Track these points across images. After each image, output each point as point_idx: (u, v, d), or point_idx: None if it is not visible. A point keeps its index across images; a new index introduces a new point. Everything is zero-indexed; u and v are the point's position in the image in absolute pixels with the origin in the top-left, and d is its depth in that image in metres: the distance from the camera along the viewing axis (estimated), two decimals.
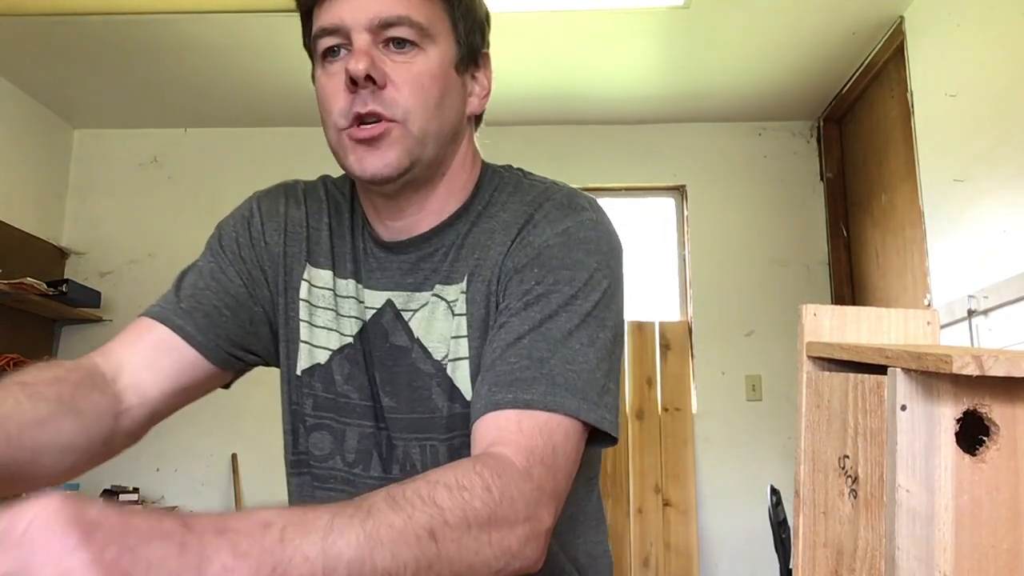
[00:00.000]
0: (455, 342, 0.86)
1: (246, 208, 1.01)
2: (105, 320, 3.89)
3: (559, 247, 0.83)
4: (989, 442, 0.50)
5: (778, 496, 2.61)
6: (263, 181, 4.12)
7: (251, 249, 0.96)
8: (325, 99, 0.87)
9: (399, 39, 0.83)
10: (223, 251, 0.97)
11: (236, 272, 0.95)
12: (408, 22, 0.83)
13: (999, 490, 0.50)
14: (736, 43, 3.27)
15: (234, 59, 3.42)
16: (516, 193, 0.91)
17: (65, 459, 0.80)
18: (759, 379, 3.75)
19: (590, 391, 0.77)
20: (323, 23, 0.84)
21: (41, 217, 3.86)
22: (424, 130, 0.84)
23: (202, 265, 0.97)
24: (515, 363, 0.77)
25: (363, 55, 0.81)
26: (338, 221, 0.96)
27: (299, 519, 0.56)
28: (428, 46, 0.84)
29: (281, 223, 0.97)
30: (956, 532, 0.50)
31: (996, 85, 2.46)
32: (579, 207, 0.87)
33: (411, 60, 0.84)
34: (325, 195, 0.99)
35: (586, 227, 0.85)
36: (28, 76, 3.61)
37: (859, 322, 0.66)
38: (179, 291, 0.94)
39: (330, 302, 0.92)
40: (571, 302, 0.80)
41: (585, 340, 0.79)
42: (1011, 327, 2.33)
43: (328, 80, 0.86)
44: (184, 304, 0.92)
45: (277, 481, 3.98)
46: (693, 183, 3.98)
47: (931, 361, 0.48)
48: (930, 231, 2.85)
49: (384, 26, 0.82)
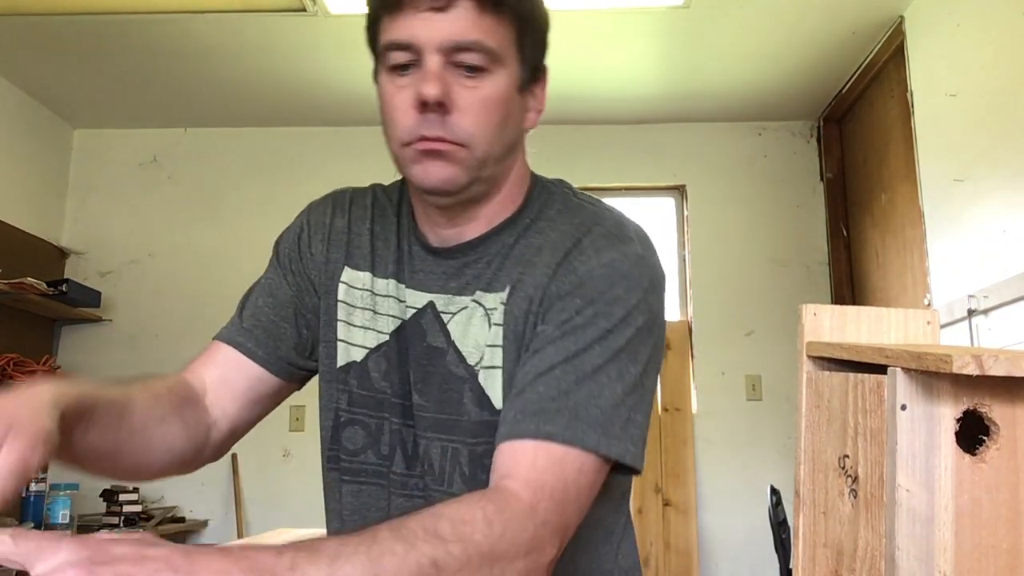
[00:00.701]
0: (490, 350, 0.88)
1: (298, 222, 1.05)
2: (105, 320, 3.89)
3: (602, 280, 0.84)
4: (989, 442, 0.50)
5: (778, 496, 2.61)
6: (263, 181, 4.12)
7: (300, 262, 1.00)
8: (392, 111, 0.86)
9: (470, 65, 0.83)
10: (279, 266, 1.02)
11: (288, 285, 1.00)
12: (481, 48, 0.83)
13: (999, 490, 0.50)
14: (736, 43, 3.27)
15: (234, 59, 3.42)
16: (565, 212, 0.92)
17: (165, 459, 0.89)
18: (759, 379, 3.75)
19: (612, 425, 0.79)
20: (395, 37, 0.84)
21: (41, 217, 3.86)
22: (486, 153, 0.85)
23: (263, 282, 1.03)
24: (542, 393, 0.79)
25: (436, 80, 0.82)
26: (383, 225, 0.98)
27: (308, 547, 0.60)
28: (496, 70, 0.85)
29: (325, 233, 1.00)
30: (956, 532, 0.50)
31: (996, 85, 2.46)
32: (626, 238, 0.88)
33: (479, 84, 0.84)
34: (371, 202, 1.01)
35: (630, 261, 0.86)
36: (28, 76, 3.61)
37: (859, 322, 0.66)
38: (243, 311, 1.01)
39: (368, 302, 0.95)
40: (605, 336, 0.81)
41: (614, 375, 0.81)
42: (1011, 327, 2.33)
43: (396, 93, 0.86)
44: (246, 323, 0.99)
45: (277, 481, 4.01)
46: (693, 183, 3.98)
47: (931, 361, 0.48)
48: (930, 231, 2.85)
49: (457, 50, 0.82)
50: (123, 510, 3.41)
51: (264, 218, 4.00)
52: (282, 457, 3.76)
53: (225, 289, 3.92)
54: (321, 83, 3.59)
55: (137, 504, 3.47)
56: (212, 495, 3.77)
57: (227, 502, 3.74)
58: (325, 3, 2.92)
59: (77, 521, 3.40)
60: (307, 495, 3.58)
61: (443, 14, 0.82)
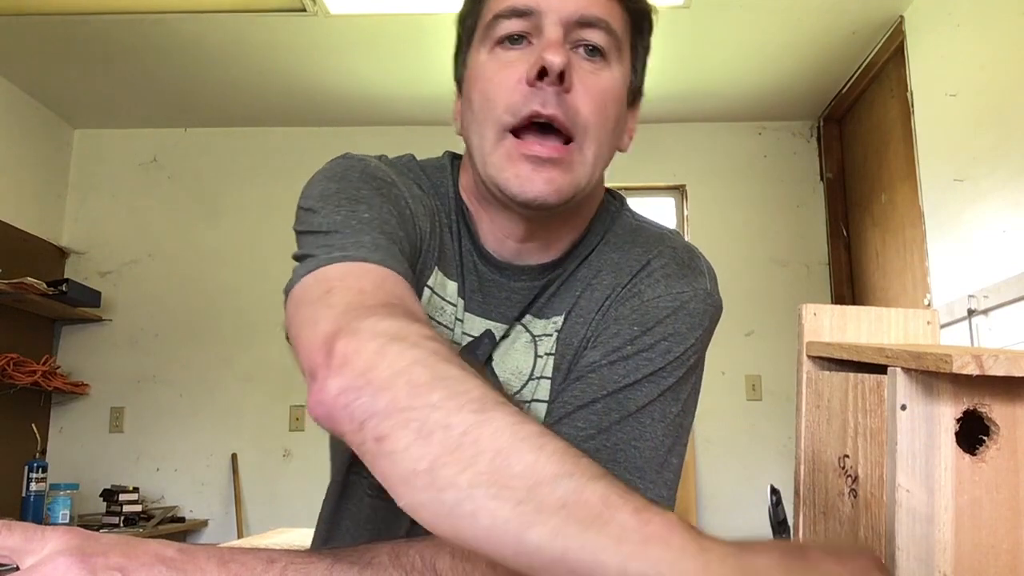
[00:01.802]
0: (534, 383, 0.81)
1: (397, 180, 0.79)
2: (105, 320, 3.89)
3: (667, 312, 0.77)
4: (989, 442, 0.50)
5: (778, 496, 2.60)
6: (263, 181, 4.10)
7: (411, 223, 0.77)
8: (491, 89, 0.74)
9: (592, 46, 0.75)
10: (390, 204, 0.75)
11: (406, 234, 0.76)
12: (607, 27, 0.75)
13: (999, 490, 0.50)
14: (736, 43, 3.27)
15: (234, 59, 3.42)
16: (630, 232, 0.85)
17: None
18: (759, 379, 3.75)
19: (649, 468, 0.74)
20: (513, 3, 0.74)
21: (41, 217, 3.86)
22: (596, 155, 0.76)
23: (369, 216, 0.73)
24: (582, 428, 0.73)
25: (559, 47, 0.71)
26: (443, 222, 0.83)
27: (302, 560, 0.57)
28: (614, 63, 0.77)
29: (423, 211, 0.79)
30: (956, 532, 0.50)
31: (996, 85, 2.46)
32: (698, 270, 0.81)
33: (599, 71, 0.75)
34: (431, 188, 0.84)
35: (699, 298, 0.79)
36: (28, 76, 3.61)
37: (859, 322, 0.66)
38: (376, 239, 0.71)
39: (450, 320, 0.81)
40: (656, 374, 0.75)
41: (657, 415, 0.75)
42: (1011, 327, 2.33)
43: (500, 69, 0.74)
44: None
45: (277, 481, 3.99)
46: (693, 183, 3.99)
47: (931, 361, 0.48)
48: (930, 231, 2.85)
49: (583, 24, 0.74)
50: (123, 510, 3.41)
51: (264, 218, 4.00)
52: (282, 457, 3.76)
53: (225, 289, 3.95)
54: (321, 83, 3.59)
55: (137, 504, 3.48)
56: (212, 495, 3.77)
57: (227, 502, 3.74)
58: (325, 3, 2.92)
59: (77, 521, 3.40)
60: (307, 495, 3.58)
61: None
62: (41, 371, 3.57)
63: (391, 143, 4.68)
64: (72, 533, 0.53)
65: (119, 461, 3.79)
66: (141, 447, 3.81)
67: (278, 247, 3.96)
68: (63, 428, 3.84)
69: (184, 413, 3.83)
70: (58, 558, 0.51)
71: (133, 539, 0.55)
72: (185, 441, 3.81)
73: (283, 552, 0.59)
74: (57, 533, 0.53)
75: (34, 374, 3.52)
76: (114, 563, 0.52)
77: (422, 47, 3.26)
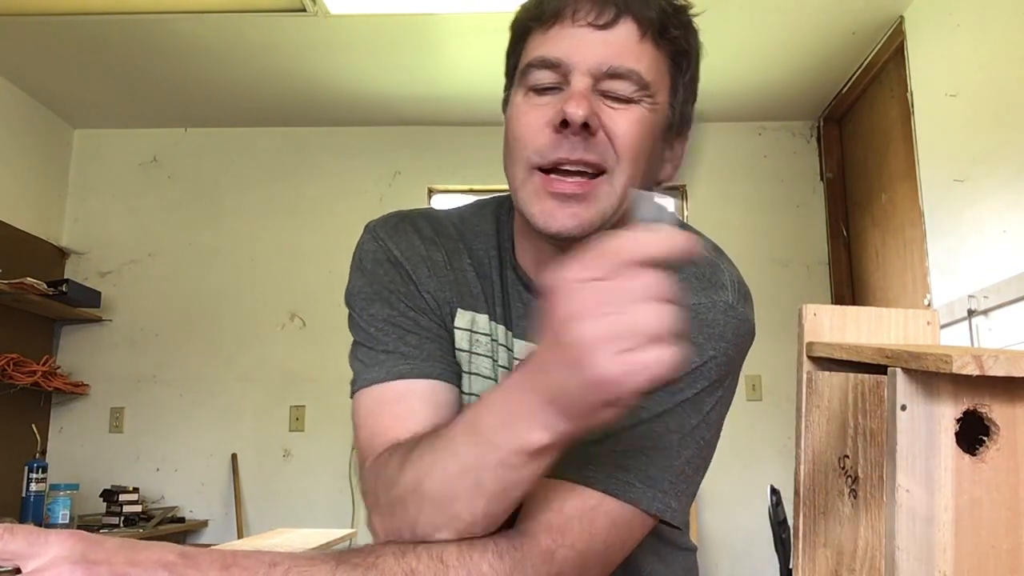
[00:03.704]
0: None
1: (382, 254, 0.87)
2: (105, 320, 3.89)
3: (683, 324, 0.78)
4: (989, 442, 0.50)
5: (778, 496, 2.61)
6: (263, 181, 4.11)
7: (417, 294, 0.85)
8: (521, 130, 0.77)
9: (617, 95, 0.76)
10: (395, 304, 0.84)
11: (418, 314, 0.85)
12: (635, 78, 0.76)
13: (999, 490, 0.50)
14: (736, 43, 3.27)
15: (234, 59, 3.42)
16: None
17: None
18: (759, 379, 3.75)
19: (662, 478, 0.73)
20: (543, 53, 0.76)
21: (41, 217, 3.86)
22: (626, 186, 0.77)
23: (383, 330, 0.83)
24: (592, 432, 0.74)
25: (583, 99, 0.73)
26: (481, 260, 0.88)
27: (305, 562, 0.58)
28: (646, 103, 0.78)
29: (428, 265, 0.86)
30: (956, 532, 0.50)
31: (996, 85, 2.46)
32: (719, 284, 0.81)
33: (627, 111, 0.77)
34: (458, 232, 0.90)
35: (718, 310, 0.79)
36: (28, 76, 3.61)
37: (859, 322, 0.66)
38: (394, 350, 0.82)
39: (487, 348, 0.85)
40: (671, 385, 0.74)
41: (672, 425, 0.74)
42: (1011, 327, 2.33)
43: (531, 111, 0.77)
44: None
45: (277, 481, 3.99)
46: (693, 183, 3.98)
47: (931, 361, 0.48)
48: (930, 231, 2.85)
49: (610, 76, 0.75)
50: (123, 510, 3.41)
51: (264, 218, 4.00)
52: (282, 457, 3.76)
53: (225, 289, 3.95)
54: (321, 83, 3.59)
55: (137, 504, 3.47)
56: (212, 495, 3.77)
57: (227, 502, 3.74)
58: (325, 3, 2.92)
59: (77, 521, 3.40)
60: (307, 495, 3.58)
61: (602, 32, 0.75)
62: (41, 371, 3.57)
63: (391, 143, 4.69)
64: (75, 538, 0.53)
65: (119, 461, 3.79)
66: (141, 447, 3.81)
67: (278, 247, 3.98)
68: (63, 428, 3.84)
69: (184, 413, 3.83)
70: (61, 564, 0.51)
71: (136, 543, 0.55)
72: (185, 441, 3.81)
73: (285, 555, 0.59)
74: (60, 537, 0.53)
75: (34, 374, 3.52)
76: (118, 570, 0.52)
77: (422, 47, 3.26)
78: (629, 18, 0.76)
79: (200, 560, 0.56)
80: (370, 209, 4.34)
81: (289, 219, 3.99)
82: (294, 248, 3.95)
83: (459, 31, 3.18)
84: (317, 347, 3.75)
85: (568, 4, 0.76)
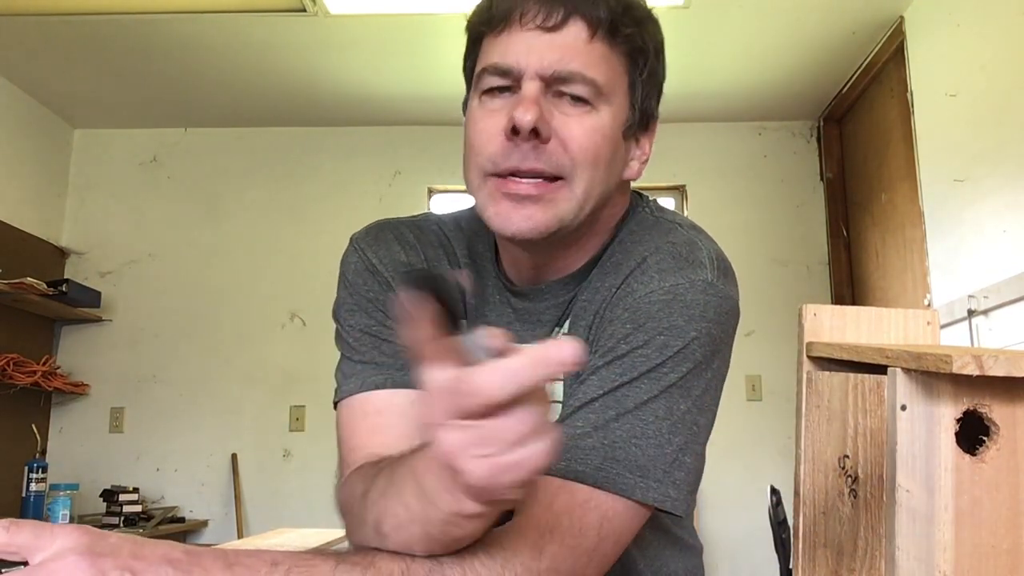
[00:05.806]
0: (551, 385, 0.78)
1: (362, 264, 0.88)
2: (105, 320, 3.89)
3: (660, 306, 0.75)
4: (989, 442, 0.50)
5: (778, 496, 2.60)
6: (263, 181, 4.10)
7: (384, 296, 0.86)
8: (476, 136, 0.78)
9: (573, 95, 0.76)
10: (372, 315, 0.85)
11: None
12: (583, 80, 0.75)
13: (999, 490, 0.50)
14: (736, 43, 3.27)
15: (234, 59, 3.42)
16: (637, 232, 0.84)
17: None
18: (759, 379, 3.75)
19: (654, 467, 0.72)
20: (494, 60, 0.77)
21: (41, 217, 3.86)
22: (587, 191, 0.77)
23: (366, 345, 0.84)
24: (580, 428, 0.72)
25: (532, 105, 0.73)
26: (463, 265, 0.89)
27: (306, 562, 0.59)
28: (601, 105, 0.77)
29: (402, 270, 0.87)
30: (956, 532, 0.50)
31: (996, 85, 2.46)
32: (697, 262, 0.78)
33: (584, 115, 0.76)
34: (439, 240, 0.91)
35: (696, 289, 0.76)
36: (28, 76, 3.61)
37: (859, 322, 0.66)
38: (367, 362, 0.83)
39: None
40: (655, 370, 0.73)
41: (661, 412, 0.73)
42: (1011, 327, 2.33)
43: (485, 117, 0.78)
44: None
45: (277, 481, 3.99)
46: (693, 183, 3.99)
47: (931, 361, 0.48)
48: (930, 231, 2.85)
49: (558, 79, 0.75)
50: (123, 510, 3.41)
51: (264, 218, 4.00)
52: (282, 457, 3.76)
53: (225, 289, 3.95)
54: (321, 83, 3.59)
55: (137, 504, 3.48)
56: (212, 495, 3.77)
57: (227, 502, 3.74)
58: (325, 3, 2.92)
59: (77, 522, 3.40)
60: (307, 495, 3.58)
61: (551, 35, 0.75)
62: (41, 371, 3.57)
63: (391, 143, 4.69)
64: (81, 531, 0.54)
65: (119, 461, 3.78)
66: (141, 447, 3.81)
67: (278, 247, 3.98)
68: (63, 428, 3.84)
69: (184, 413, 3.83)
70: (68, 555, 0.52)
71: (141, 539, 0.56)
72: (185, 441, 3.81)
73: (287, 554, 0.59)
74: (67, 531, 0.53)
75: (34, 374, 3.52)
76: (123, 563, 0.53)
77: (422, 47, 3.26)
78: (578, 19, 0.76)
79: (204, 558, 0.56)
80: (370, 209, 4.35)
81: (289, 219, 3.99)
82: (294, 248, 3.95)
83: (459, 31, 3.16)
84: (317, 347, 3.75)
85: (516, 7, 0.76)
